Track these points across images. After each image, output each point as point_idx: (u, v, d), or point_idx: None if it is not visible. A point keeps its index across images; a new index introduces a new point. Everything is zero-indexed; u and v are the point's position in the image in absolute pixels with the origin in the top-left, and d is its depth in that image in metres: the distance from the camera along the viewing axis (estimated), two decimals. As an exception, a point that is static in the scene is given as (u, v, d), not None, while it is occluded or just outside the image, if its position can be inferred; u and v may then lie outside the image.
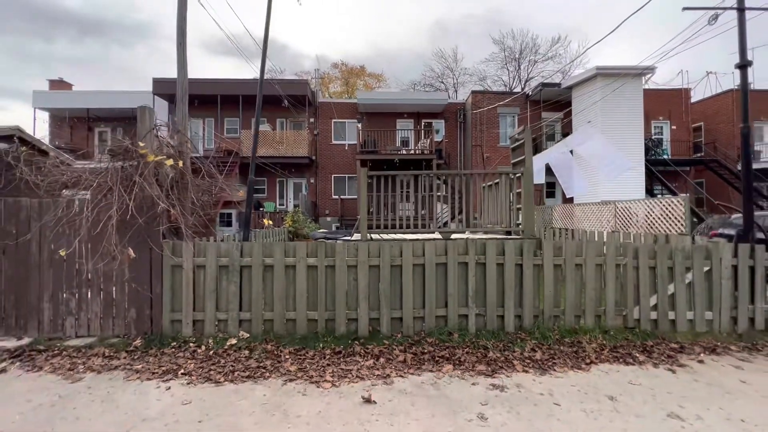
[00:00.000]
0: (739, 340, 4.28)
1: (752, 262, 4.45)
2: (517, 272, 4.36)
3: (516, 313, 4.32)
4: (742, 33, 4.59)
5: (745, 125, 4.60)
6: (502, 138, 17.12)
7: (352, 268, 4.25)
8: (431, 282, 4.26)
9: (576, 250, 4.39)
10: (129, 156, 3.96)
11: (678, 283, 4.39)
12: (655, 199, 6.15)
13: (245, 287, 4.21)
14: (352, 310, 4.23)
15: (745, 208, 4.61)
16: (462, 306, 4.30)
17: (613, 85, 13.38)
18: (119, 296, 4.15)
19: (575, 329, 4.30)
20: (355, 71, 32.88)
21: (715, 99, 19.08)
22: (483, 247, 4.33)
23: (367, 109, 17.64)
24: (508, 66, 31.30)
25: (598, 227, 8.15)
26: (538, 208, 12.16)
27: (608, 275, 4.38)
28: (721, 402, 2.99)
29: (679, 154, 17.18)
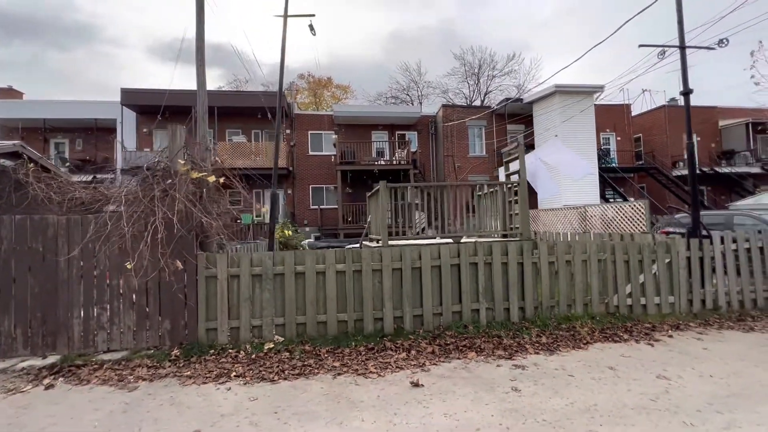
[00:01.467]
0: (695, 318, 5.18)
1: (701, 254, 5.41)
2: (519, 270, 4.99)
3: (519, 305, 4.95)
4: (684, 67, 5.63)
5: (690, 142, 5.62)
6: (471, 148, 18.25)
7: (377, 272, 4.67)
8: (447, 281, 4.78)
9: (565, 249, 5.12)
10: (167, 173, 4.14)
11: (647, 273, 5.24)
12: (621, 203, 7.16)
13: (277, 294, 4.48)
14: (378, 310, 4.64)
15: (693, 209, 5.60)
16: (474, 302, 4.85)
17: (570, 101, 14.91)
18: (152, 308, 4.27)
19: (568, 316, 5.00)
20: (323, 82, 33.25)
21: (651, 114, 21.61)
22: (490, 249, 4.93)
23: (343, 121, 18.09)
24: (469, 80, 33.13)
25: (568, 230, 9.15)
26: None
27: (592, 269, 5.14)
28: (692, 364, 3.75)
29: (624, 163, 19.23)
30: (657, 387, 3.27)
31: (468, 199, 5.71)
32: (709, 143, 20.78)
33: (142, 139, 17.06)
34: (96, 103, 16.75)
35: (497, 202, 5.76)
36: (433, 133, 18.97)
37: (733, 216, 8.68)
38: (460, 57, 38.41)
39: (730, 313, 5.35)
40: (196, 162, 4.57)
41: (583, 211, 8.36)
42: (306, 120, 18.37)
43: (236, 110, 16.91)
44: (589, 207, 8.26)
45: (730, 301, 5.45)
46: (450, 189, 5.83)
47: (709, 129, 20.99)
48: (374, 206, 5.87)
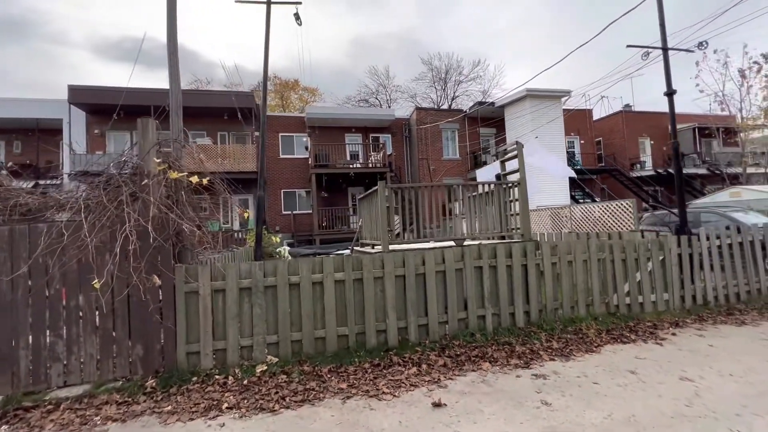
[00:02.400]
0: (689, 314, 5.25)
1: (690, 251, 5.52)
2: (523, 272, 4.82)
3: (524, 309, 4.76)
4: (667, 68, 5.77)
5: (675, 141, 5.76)
6: (444, 151, 18.32)
7: (378, 279, 4.30)
8: (452, 287, 4.51)
9: (567, 249, 5.02)
10: (138, 174, 3.56)
11: (643, 271, 5.26)
12: (608, 202, 7.28)
13: (269, 309, 4.00)
14: (381, 322, 4.27)
15: (680, 207, 5.72)
16: (479, 307, 4.60)
17: (539, 105, 15.35)
18: (120, 332, 3.65)
19: (572, 318, 4.88)
20: (290, 85, 32.33)
21: (610, 118, 22.85)
22: (494, 251, 4.72)
23: (316, 123, 17.52)
24: (436, 85, 33.57)
25: (549, 230, 9.25)
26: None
27: (593, 269, 5.08)
28: (707, 363, 3.70)
29: (588, 165, 20.12)
30: (685, 390, 3.15)
31: (468, 200, 5.50)
32: (661, 146, 22.27)
33: (94, 141, 15.55)
34: (38, 101, 15.09)
35: (494, 203, 5.59)
36: (407, 136, 18.87)
37: (701, 213, 9.13)
38: (427, 62, 38.92)
39: (719, 307, 5.48)
40: (172, 161, 4.01)
41: (568, 210, 8.48)
42: (276, 122, 17.62)
43: (200, 111, 15.87)
44: (575, 207, 8.39)
45: (717, 296, 5.59)
46: (453, 190, 5.59)
47: (660, 133, 22.49)
48: (367, 209, 5.51)
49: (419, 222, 5.19)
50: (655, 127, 22.35)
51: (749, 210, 9.76)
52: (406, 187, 5.05)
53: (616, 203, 7.04)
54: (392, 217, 5.35)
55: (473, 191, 5.98)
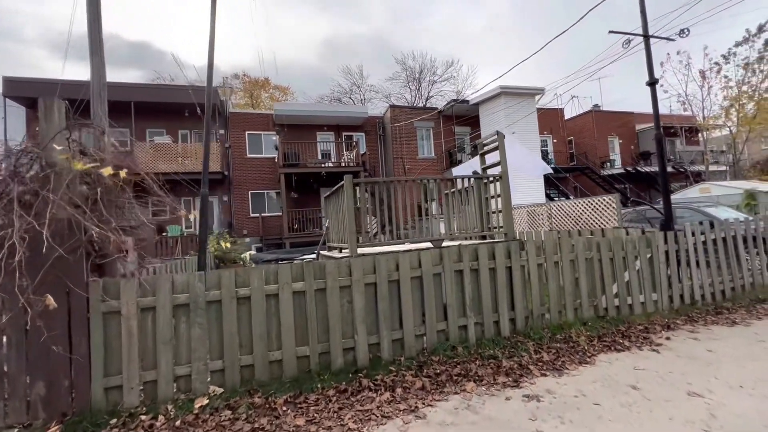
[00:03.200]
0: (678, 315, 4.96)
1: (677, 247, 5.25)
2: (507, 275, 4.36)
3: (510, 316, 4.30)
4: (648, 56, 5.51)
5: (658, 132, 5.50)
6: (420, 150, 17.91)
7: (345, 289, 3.71)
8: (430, 294, 3.98)
9: (554, 249, 4.60)
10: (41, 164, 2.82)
11: (631, 270, 4.92)
12: (589, 198, 7.01)
13: (213, 328, 3.32)
14: (348, 338, 3.68)
15: (664, 202, 5.46)
16: (461, 316, 4.10)
17: (514, 102, 15.22)
18: (14, 366, 2.88)
19: (561, 325, 4.46)
20: (260, 83, 31.13)
21: (581, 118, 23.23)
22: (475, 253, 4.23)
23: (285, 121, 16.68)
24: (410, 85, 33.32)
25: (532, 229, 8.95)
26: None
27: (580, 269, 4.68)
28: (711, 373, 3.33)
29: (560, 163, 20.29)
30: (697, 409, 2.74)
31: (446, 197, 5.01)
32: (629, 145, 22.85)
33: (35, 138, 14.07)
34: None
35: (473, 200, 5.12)
36: (381, 135, 18.34)
37: (675, 209, 9.07)
38: (401, 61, 38.60)
39: (707, 306, 5.23)
40: (86, 150, 3.27)
41: (547, 208, 8.18)
42: (243, 119, 16.65)
43: (159, 107, 14.74)
44: (554, 204, 8.09)
45: (705, 294, 5.35)
46: (429, 185, 5.07)
47: (628, 132, 23.08)
48: (334, 208, 4.92)
49: (392, 222, 4.65)
50: (623, 127, 22.90)
51: (719, 205, 9.85)
52: (377, 182, 4.50)
53: (598, 199, 6.78)
54: (363, 217, 4.78)
55: (452, 188, 5.49)
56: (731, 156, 22.33)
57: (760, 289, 5.76)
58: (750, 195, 11.30)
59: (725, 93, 19.46)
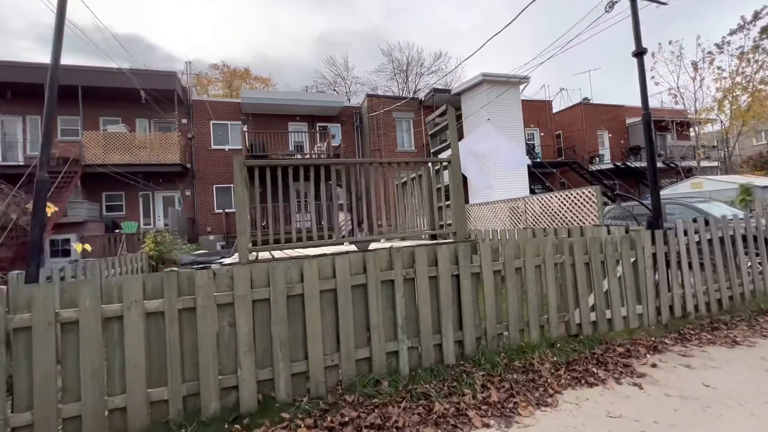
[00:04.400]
0: (667, 331, 4.10)
1: (666, 249, 4.38)
2: (454, 285, 3.45)
3: (456, 338, 3.40)
4: (636, 22, 4.62)
5: (647, 112, 4.61)
6: (399, 143, 16.96)
7: (226, 307, 2.77)
8: (347, 313, 3.05)
9: (515, 252, 3.70)
10: None
11: (611, 278, 4.04)
12: (568, 191, 6.12)
13: (20, 368, 2.36)
14: (229, 374, 2.74)
15: (653, 196, 4.59)
16: (390, 340, 3.18)
17: (497, 91, 14.31)
18: None
19: (522, 347, 3.57)
20: (239, 73, 29.80)
21: (569, 111, 22.42)
22: (411, 258, 3.30)
23: (254, 110, 15.59)
24: (397, 78, 32.30)
25: (502, 226, 8.08)
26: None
27: (548, 277, 3.79)
28: (714, 425, 2.45)
29: (548, 158, 19.48)
30: (694, 497, 1.85)
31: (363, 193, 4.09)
32: (619, 139, 22.10)
33: None
34: None
35: (422, 191, 4.20)
36: (359, 126, 17.33)
37: (665, 205, 8.26)
38: (387, 53, 37.51)
39: (700, 319, 4.38)
40: None
41: (522, 203, 7.31)
42: (208, 108, 15.53)
43: (115, 93, 13.57)
44: (528, 198, 7.22)
45: (698, 305, 4.50)
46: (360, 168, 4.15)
47: (618, 126, 22.33)
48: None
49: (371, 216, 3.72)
50: (613, 120, 22.15)
51: (712, 200, 9.07)
52: (279, 165, 3.56)
53: (576, 192, 5.90)
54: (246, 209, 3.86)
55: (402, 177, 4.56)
56: (723, 152, 21.70)
57: (762, 297, 4.93)
58: (745, 190, 10.55)
59: (718, 84, 18.74)
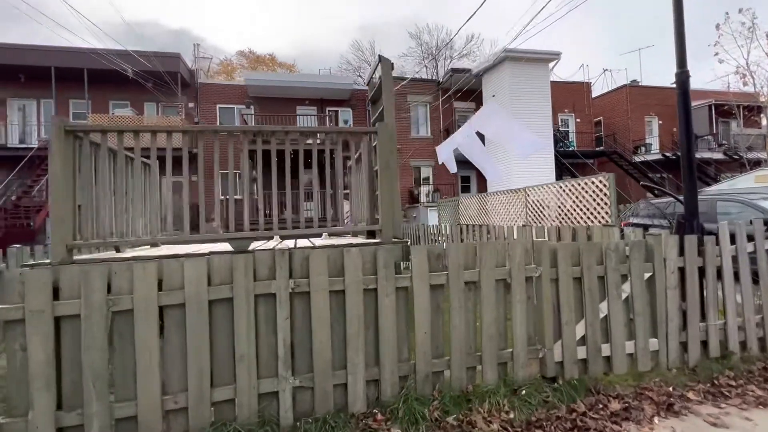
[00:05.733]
0: (693, 378, 2.90)
1: (701, 262, 3.13)
2: (370, 303, 2.49)
3: (370, 376, 2.45)
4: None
5: (683, 70, 3.31)
6: (413, 129, 15.79)
7: (15, 325, 2.00)
8: (200, 337, 2.19)
9: (465, 259, 2.66)
10: None
11: (612, 300, 2.89)
12: (574, 180, 4.86)
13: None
14: (18, 418, 1.98)
15: (686, 186, 3.31)
16: (268, 376, 2.30)
17: (523, 70, 12.72)
18: None
19: (466, 393, 2.55)
20: (263, 59, 29.65)
21: (612, 94, 20.04)
22: (305, 265, 2.38)
23: (260, 93, 15.04)
24: (426, 62, 30.74)
25: (508, 221, 6.88)
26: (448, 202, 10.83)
27: (516, 296, 2.72)
28: None
29: (584, 147, 17.50)
30: None
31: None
32: (671, 127, 19.46)
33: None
34: None
35: (361, 173, 3.24)
36: (370, 110, 16.32)
37: (717, 202, 6.67)
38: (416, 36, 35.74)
39: (748, 362, 3.11)
40: None
41: (522, 195, 6.08)
42: (214, 91, 15.18)
43: (123, 77, 13.49)
44: (530, 189, 5.97)
45: (747, 341, 3.22)
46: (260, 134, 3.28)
47: (670, 111, 19.65)
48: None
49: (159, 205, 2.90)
50: (664, 105, 19.51)
51: (781, 198, 7.26)
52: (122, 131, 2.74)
53: (584, 181, 4.63)
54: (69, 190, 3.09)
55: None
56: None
57: None
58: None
59: (802, 60, 15.67)
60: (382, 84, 2.82)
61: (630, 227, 6.38)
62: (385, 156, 2.75)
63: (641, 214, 6.76)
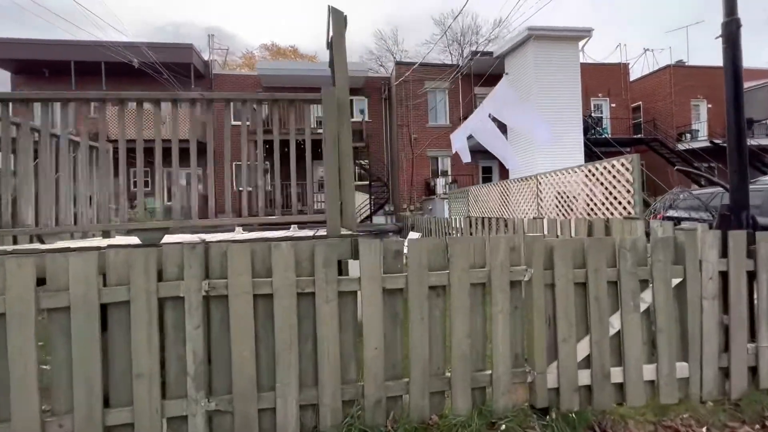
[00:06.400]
0: (737, 414, 2.23)
1: (752, 265, 2.41)
2: (307, 310, 2.01)
3: (305, 400, 1.98)
4: None
5: (732, 18, 2.56)
6: (431, 117, 15.04)
7: None
8: (88, 349, 1.80)
9: (429, 258, 2.12)
10: None
11: (628, 311, 2.25)
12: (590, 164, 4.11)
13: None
14: None
15: (735, 166, 2.59)
16: (177, 397, 1.88)
17: (549, 50, 11.66)
18: None
19: (429, 425, 2.04)
20: (285, 52, 29.57)
21: (653, 76, 18.27)
22: (220, 262, 1.93)
23: (273, 83, 14.78)
24: (451, 49, 29.56)
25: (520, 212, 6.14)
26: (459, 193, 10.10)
27: (497, 304, 2.16)
28: None
29: (619, 134, 16.07)
30: None
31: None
32: (721, 111, 17.51)
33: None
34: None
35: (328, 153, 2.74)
36: (386, 99, 15.70)
37: (773, 192, 5.65)
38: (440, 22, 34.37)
39: (814, 396, 2.38)
40: None
41: (534, 183, 5.32)
42: (229, 82, 15.08)
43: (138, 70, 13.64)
44: (542, 176, 5.19)
45: (812, 368, 2.47)
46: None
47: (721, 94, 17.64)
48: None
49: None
50: (714, 87, 17.56)
51: None
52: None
53: (603, 165, 3.88)
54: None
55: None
56: None
57: None
58: None
59: None
60: (332, 41, 2.31)
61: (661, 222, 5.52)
62: (332, 129, 2.24)
63: (681, 206, 5.84)
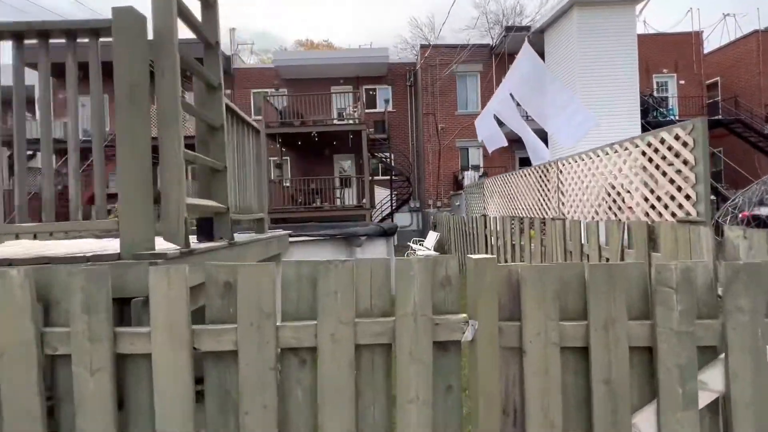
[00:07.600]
0: None
1: None
2: (64, 383, 1.17)
3: None
4: None
5: None
6: (460, 104, 13.70)
7: None
8: None
9: (287, 296, 1.18)
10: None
11: (673, 407, 1.16)
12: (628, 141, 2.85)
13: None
14: None
15: None
16: None
17: (596, 18, 9.89)
18: None
19: None
20: (318, 46, 29.27)
21: (735, 46, 15.31)
22: None
23: (293, 75, 14.29)
24: (492, 33, 27.47)
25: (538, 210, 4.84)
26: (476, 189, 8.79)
27: (406, 387, 1.18)
28: None
29: (690, 115, 13.60)
30: None
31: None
32: (826, 83, 14.26)
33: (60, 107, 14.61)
34: None
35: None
36: (412, 86, 14.58)
37: None
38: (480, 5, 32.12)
39: None
40: None
41: (554, 171, 4.05)
42: (249, 76, 14.81)
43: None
44: (563, 162, 3.90)
45: None
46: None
47: (826, 63, 14.39)
48: None
49: None
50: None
51: None
52: None
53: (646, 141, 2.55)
54: None
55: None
56: None
57: None
58: None
59: None
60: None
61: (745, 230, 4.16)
62: (132, 73, 1.37)
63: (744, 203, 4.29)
